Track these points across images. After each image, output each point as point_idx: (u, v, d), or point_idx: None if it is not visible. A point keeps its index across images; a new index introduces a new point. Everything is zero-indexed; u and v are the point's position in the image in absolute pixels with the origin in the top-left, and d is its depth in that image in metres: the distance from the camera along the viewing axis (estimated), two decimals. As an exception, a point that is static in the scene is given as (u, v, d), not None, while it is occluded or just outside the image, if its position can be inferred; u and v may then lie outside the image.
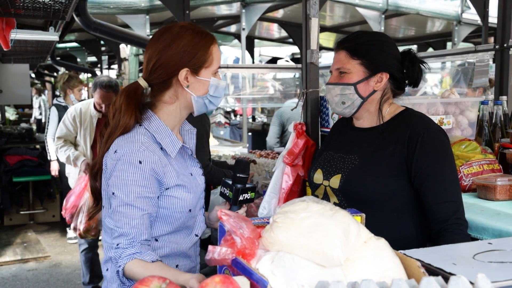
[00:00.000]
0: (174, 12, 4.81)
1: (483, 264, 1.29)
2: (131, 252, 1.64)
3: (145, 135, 1.76)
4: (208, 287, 1.06)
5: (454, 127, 2.72)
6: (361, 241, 1.23)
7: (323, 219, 1.18)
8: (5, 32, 4.31)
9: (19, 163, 7.59)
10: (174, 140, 1.81)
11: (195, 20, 8.55)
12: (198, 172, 1.93)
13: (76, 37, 10.18)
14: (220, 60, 1.85)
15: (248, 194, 1.84)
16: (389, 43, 2.07)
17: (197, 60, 1.78)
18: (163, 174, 1.74)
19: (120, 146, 1.73)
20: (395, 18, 8.35)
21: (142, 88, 1.82)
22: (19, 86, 8.11)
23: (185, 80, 1.78)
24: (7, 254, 6.43)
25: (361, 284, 1.01)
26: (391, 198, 1.96)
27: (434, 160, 1.90)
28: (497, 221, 1.96)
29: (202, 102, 1.82)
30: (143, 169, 1.69)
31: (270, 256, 1.18)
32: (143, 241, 1.67)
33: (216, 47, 1.83)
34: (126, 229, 1.66)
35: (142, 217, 1.68)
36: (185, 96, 1.81)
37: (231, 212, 1.27)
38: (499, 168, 2.47)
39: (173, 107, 1.83)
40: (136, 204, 1.68)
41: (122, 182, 1.69)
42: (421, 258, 1.34)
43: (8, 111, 12.07)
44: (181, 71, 1.77)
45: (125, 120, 1.76)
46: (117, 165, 1.70)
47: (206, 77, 1.80)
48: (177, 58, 1.76)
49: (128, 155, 1.70)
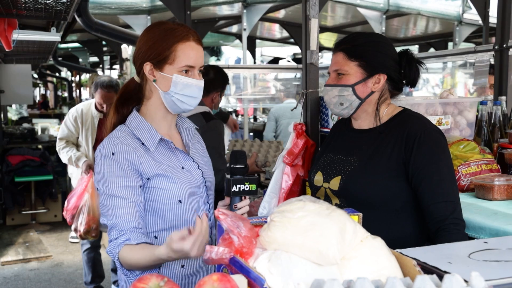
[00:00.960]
0: (175, 13, 4.81)
1: (478, 262, 1.31)
2: (121, 240, 1.71)
3: (124, 131, 1.85)
4: (206, 285, 1.07)
5: (453, 127, 2.73)
6: (358, 240, 1.24)
7: (320, 218, 1.19)
8: (7, 33, 4.33)
9: (21, 163, 7.61)
10: (153, 134, 1.86)
11: (196, 21, 8.57)
12: (192, 166, 1.95)
13: (78, 37, 10.21)
14: (192, 60, 1.84)
15: (245, 186, 1.76)
16: (386, 44, 2.08)
17: (157, 54, 1.83)
18: (139, 163, 1.80)
19: (100, 144, 1.84)
20: (396, 18, 8.36)
21: (134, 84, 1.92)
22: (21, 86, 8.13)
23: (150, 75, 1.85)
24: (9, 254, 6.45)
25: (356, 282, 1.03)
26: (390, 199, 1.97)
27: (431, 160, 1.91)
28: (494, 221, 1.98)
29: (169, 99, 1.86)
30: (117, 159, 1.77)
31: (267, 255, 1.20)
32: (132, 228, 1.73)
33: (185, 45, 1.83)
34: (114, 220, 1.74)
35: (127, 206, 1.74)
36: (157, 92, 1.88)
37: (228, 212, 1.29)
38: (497, 168, 2.48)
39: (151, 102, 1.91)
40: (117, 194, 1.75)
41: (101, 175, 1.78)
42: (417, 257, 1.36)
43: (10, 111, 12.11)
44: (145, 65, 1.85)
45: (111, 115, 1.90)
46: (96, 162, 1.81)
47: (169, 74, 1.84)
48: (141, 52, 1.86)
49: (103, 150, 1.80)
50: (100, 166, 1.79)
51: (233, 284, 1.08)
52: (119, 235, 1.72)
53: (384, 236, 1.91)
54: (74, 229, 4.57)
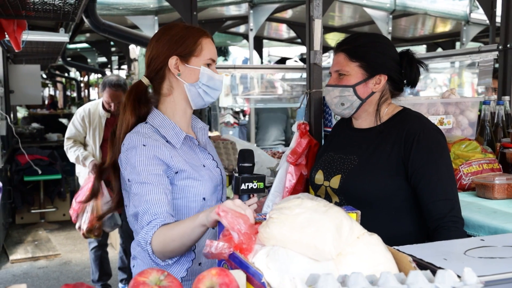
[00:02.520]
0: (181, 13, 4.85)
1: (473, 259, 1.33)
2: (156, 223, 1.66)
3: (149, 129, 1.86)
4: (205, 279, 1.11)
5: (455, 127, 2.75)
6: (354, 236, 1.27)
7: (316, 215, 1.22)
8: (17, 34, 4.38)
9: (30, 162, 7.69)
10: (178, 132, 1.89)
11: (203, 21, 8.61)
12: (212, 164, 1.99)
13: (87, 38, 10.27)
14: (213, 54, 1.92)
15: (253, 184, 1.77)
16: (387, 44, 2.11)
17: (185, 47, 1.87)
18: (170, 157, 1.81)
19: (126, 139, 1.83)
20: (403, 18, 8.36)
21: (143, 85, 1.93)
22: (31, 86, 8.21)
23: (175, 69, 1.88)
24: (19, 252, 6.53)
25: (351, 276, 1.06)
26: (390, 197, 2.00)
27: (430, 159, 1.94)
28: (493, 219, 2.00)
29: (195, 91, 1.90)
30: (148, 150, 1.78)
31: (265, 251, 1.23)
32: (165, 212, 1.69)
33: (208, 41, 1.91)
34: (145, 205, 1.70)
35: (159, 192, 1.73)
36: (180, 86, 1.91)
37: (228, 209, 1.32)
38: (498, 167, 2.50)
39: (171, 99, 1.93)
40: (149, 181, 1.74)
41: (132, 165, 1.77)
42: (413, 253, 1.39)
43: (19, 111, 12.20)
44: (171, 59, 1.87)
45: (127, 116, 1.87)
46: (127, 154, 1.80)
47: (196, 66, 1.88)
48: (166, 47, 1.88)
49: (132, 142, 1.80)
50: (130, 158, 1.78)
51: (231, 278, 1.11)
52: (153, 218, 1.68)
53: (384, 233, 1.93)
54: (77, 227, 4.62)
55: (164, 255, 1.67)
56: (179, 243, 1.62)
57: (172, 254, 1.67)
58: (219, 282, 1.10)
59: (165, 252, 1.65)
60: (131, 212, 1.78)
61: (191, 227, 1.57)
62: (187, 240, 1.60)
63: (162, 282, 1.08)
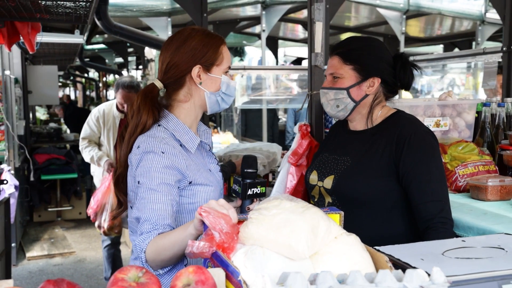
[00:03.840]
0: (192, 15, 4.91)
1: (449, 259, 1.36)
2: (154, 234, 1.67)
3: (164, 132, 1.86)
4: (182, 276, 1.16)
5: (451, 129, 2.76)
6: (332, 236, 1.31)
7: (293, 216, 1.27)
8: (31, 36, 4.49)
9: (47, 161, 7.84)
10: (192, 136, 1.91)
11: (218, 22, 8.67)
12: (216, 168, 2.03)
13: (104, 39, 10.39)
14: (230, 61, 1.95)
15: (257, 189, 1.85)
16: (381, 48, 2.14)
17: (208, 57, 1.89)
18: (185, 167, 1.82)
19: (143, 142, 1.82)
20: (417, 18, 8.32)
21: (157, 89, 1.92)
22: (48, 86, 8.36)
23: (197, 77, 1.89)
24: (35, 249, 6.66)
25: (319, 275, 1.10)
26: (381, 198, 2.03)
27: (421, 161, 1.97)
28: (482, 220, 2.02)
29: (214, 99, 1.93)
30: (165, 158, 1.78)
31: (244, 250, 1.27)
32: (165, 225, 1.71)
33: (225, 48, 1.94)
34: (149, 214, 1.71)
35: (166, 203, 1.74)
36: (198, 94, 1.92)
37: (210, 209, 1.37)
38: (495, 169, 2.51)
39: (188, 105, 1.94)
40: (159, 189, 1.75)
41: (146, 169, 1.77)
42: (393, 254, 1.42)
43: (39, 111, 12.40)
44: (194, 68, 1.88)
45: (144, 118, 1.86)
46: (142, 157, 1.80)
47: (218, 74, 1.91)
48: (189, 56, 1.88)
49: (152, 147, 1.80)
50: (147, 161, 1.78)
51: (207, 276, 1.16)
52: (152, 229, 1.69)
53: (375, 234, 1.98)
54: (97, 225, 4.73)
55: (156, 264, 1.67)
56: (171, 252, 1.62)
57: (163, 263, 1.67)
58: (195, 279, 1.14)
59: (157, 261, 1.66)
60: (134, 215, 1.81)
61: (183, 235, 1.56)
62: (178, 250, 1.60)
63: (140, 279, 1.13)
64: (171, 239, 1.61)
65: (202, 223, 1.45)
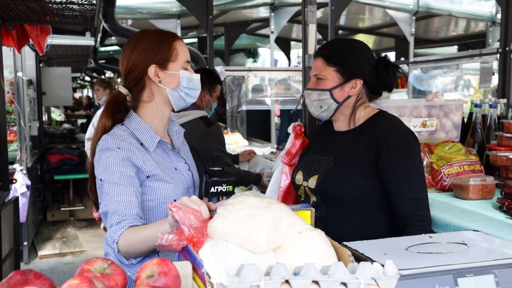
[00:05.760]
0: (197, 17, 5.00)
1: (411, 254, 1.41)
2: (124, 224, 1.73)
3: (124, 131, 1.93)
4: (146, 268, 1.22)
5: (438, 129, 2.79)
6: (296, 231, 1.36)
7: (255, 211, 1.32)
8: (40, 38, 4.60)
9: (60, 162, 7.97)
10: (152, 135, 1.97)
11: (229, 23, 8.74)
12: (183, 167, 2.07)
13: (118, 40, 10.53)
14: (187, 55, 1.99)
15: (222, 187, 1.83)
16: (364, 50, 2.18)
17: (161, 55, 1.94)
18: (142, 161, 1.89)
19: (101, 140, 1.91)
20: (427, 19, 8.31)
21: (123, 95, 1.99)
22: (62, 88, 8.52)
23: (155, 76, 1.95)
24: (47, 248, 6.79)
25: (273, 267, 1.15)
26: (363, 197, 2.07)
27: (399, 160, 2.01)
28: (459, 218, 2.05)
29: (177, 95, 1.98)
30: (122, 152, 1.85)
31: (210, 244, 1.34)
32: (134, 214, 1.77)
33: (180, 43, 1.98)
34: (116, 206, 1.77)
35: (130, 194, 1.80)
36: (160, 92, 1.98)
37: (181, 205, 1.43)
38: (480, 169, 2.53)
39: (152, 105, 2.00)
40: (121, 182, 1.81)
41: (105, 166, 1.84)
42: (359, 249, 1.47)
43: (54, 112, 12.59)
44: (150, 68, 1.94)
45: (103, 122, 1.95)
46: (101, 155, 1.87)
47: (175, 70, 1.96)
48: (142, 57, 1.94)
49: (106, 144, 1.87)
50: (104, 158, 1.84)
51: (170, 268, 1.23)
52: (122, 219, 1.74)
53: (358, 232, 2.02)
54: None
55: (129, 255, 1.73)
56: (145, 246, 1.68)
57: (136, 255, 1.73)
58: (158, 270, 1.21)
59: (130, 253, 1.72)
60: (101, 210, 1.86)
61: (158, 231, 1.57)
62: (152, 244, 1.64)
63: (106, 270, 1.20)
64: (146, 234, 1.67)
65: (175, 219, 1.51)
